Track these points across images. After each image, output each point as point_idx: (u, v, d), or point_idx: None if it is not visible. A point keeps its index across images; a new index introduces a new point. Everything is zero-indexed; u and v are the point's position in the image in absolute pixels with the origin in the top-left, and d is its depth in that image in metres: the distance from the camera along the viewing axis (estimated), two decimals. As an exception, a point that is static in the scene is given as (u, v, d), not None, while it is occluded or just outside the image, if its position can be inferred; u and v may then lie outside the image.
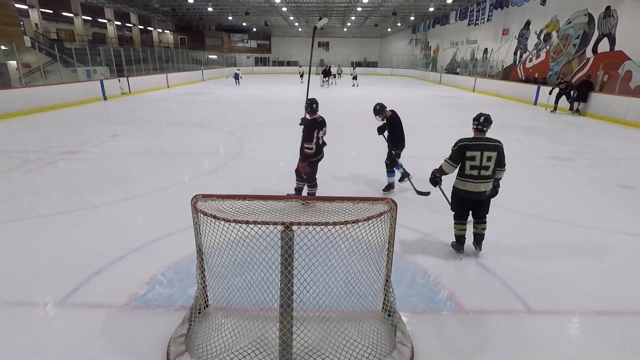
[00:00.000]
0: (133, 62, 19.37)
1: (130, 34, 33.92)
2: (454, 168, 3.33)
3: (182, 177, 5.89)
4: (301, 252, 2.22)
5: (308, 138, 4.25)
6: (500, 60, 21.62)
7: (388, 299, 2.64)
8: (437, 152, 7.79)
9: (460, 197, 3.43)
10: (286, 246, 2.06)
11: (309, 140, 4.25)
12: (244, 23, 38.06)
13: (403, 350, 2.31)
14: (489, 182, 3.31)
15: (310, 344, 2.35)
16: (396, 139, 5.16)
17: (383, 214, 2.21)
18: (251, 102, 15.49)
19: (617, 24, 13.54)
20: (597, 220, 4.45)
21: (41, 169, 6.16)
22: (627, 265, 3.50)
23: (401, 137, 5.18)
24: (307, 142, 4.25)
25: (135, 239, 3.80)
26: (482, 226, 3.50)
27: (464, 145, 3.26)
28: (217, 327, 2.51)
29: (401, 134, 5.17)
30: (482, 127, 3.33)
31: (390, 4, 26.52)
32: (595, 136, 9.58)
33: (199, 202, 2.29)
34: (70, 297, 2.89)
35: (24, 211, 4.50)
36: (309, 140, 4.25)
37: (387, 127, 5.16)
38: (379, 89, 22.44)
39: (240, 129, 9.64)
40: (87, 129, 9.47)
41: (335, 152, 7.60)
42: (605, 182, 5.93)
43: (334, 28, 40.72)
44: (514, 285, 3.13)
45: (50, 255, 3.50)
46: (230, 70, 34.48)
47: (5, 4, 17.66)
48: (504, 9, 21.37)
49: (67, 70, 16.35)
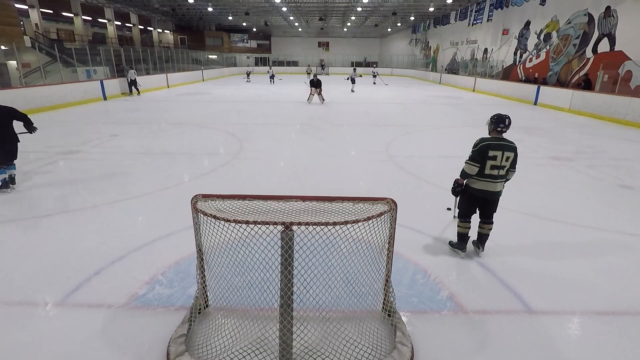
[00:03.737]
0: (133, 62, 19.38)
1: (130, 34, 33.93)
2: (477, 169, 3.28)
3: (182, 177, 5.89)
4: (301, 252, 2.22)
5: None
6: (500, 60, 21.63)
7: (388, 299, 2.64)
8: (438, 152, 7.82)
9: (474, 196, 3.41)
10: (286, 246, 2.05)
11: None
12: (244, 23, 38.07)
13: (403, 350, 2.31)
14: (504, 181, 3.36)
15: (310, 344, 2.35)
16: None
17: (383, 214, 2.21)
18: (251, 102, 15.49)
19: (617, 24, 13.54)
20: (597, 220, 4.45)
21: (41, 169, 6.16)
22: (627, 265, 3.50)
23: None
24: None
25: (135, 239, 3.80)
26: (489, 226, 3.51)
27: (485, 145, 3.23)
28: (217, 327, 2.51)
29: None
30: (507, 129, 3.31)
31: (390, 4, 26.52)
32: (595, 136, 9.58)
33: (199, 202, 2.29)
34: (70, 297, 2.89)
35: (24, 211, 4.50)
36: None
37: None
38: (378, 88, 22.43)
39: (240, 129, 9.64)
40: (87, 129, 9.47)
41: (336, 152, 7.61)
42: (605, 182, 5.93)
43: (334, 28, 40.73)
44: (514, 285, 3.13)
45: (50, 255, 3.50)
46: (230, 70, 34.55)
47: (5, 4, 17.66)
48: (503, 9, 21.37)
49: (67, 70, 16.35)
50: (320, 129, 9.92)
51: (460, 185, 3.48)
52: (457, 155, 6.56)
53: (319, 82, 14.96)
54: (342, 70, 38.97)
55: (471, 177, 3.35)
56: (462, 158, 3.39)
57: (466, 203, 3.52)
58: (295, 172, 6.33)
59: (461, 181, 3.46)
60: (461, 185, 3.49)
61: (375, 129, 10.12)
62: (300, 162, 6.89)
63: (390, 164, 6.75)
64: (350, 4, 27.03)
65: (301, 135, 9.15)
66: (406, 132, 9.61)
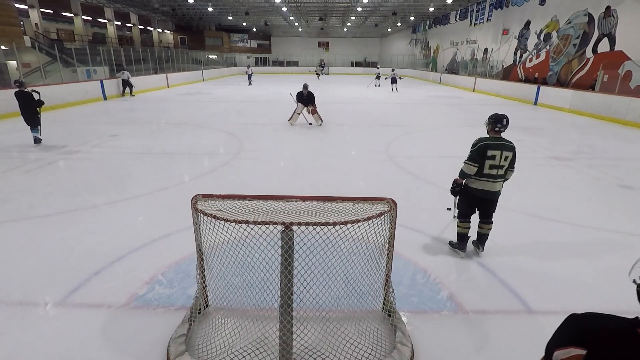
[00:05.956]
0: (133, 62, 19.38)
1: (130, 34, 33.93)
2: (475, 168, 3.28)
3: (182, 177, 5.89)
4: (301, 252, 2.22)
5: None
6: (500, 60, 21.63)
7: (388, 299, 2.64)
8: (438, 152, 7.82)
9: (474, 196, 3.41)
10: (286, 246, 2.05)
11: None
12: (244, 23, 38.07)
13: (403, 350, 2.31)
14: (502, 181, 3.37)
15: (310, 344, 2.35)
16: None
17: (383, 214, 2.21)
18: (251, 102, 15.49)
19: (617, 24, 13.54)
20: (597, 220, 4.45)
21: (41, 169, 6.16)
22: (627, 265, 3.46)
23: None
24: None
25: (135, 239, 3.80)
26: (489, 226, 3.51)
27: (484, 145, 3.24)
28: (217, 327, 2.51)
29: None
30: (505, 129, 3.32)
31: (390, 4, 26.51)
32: (595, 136, 9.58)
33: (199, 202, 2.29)
34: (70, 297, 2.89)
35: (24, 211, 4.50)
36: None
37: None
38: (379, 88, 22.42)
39: (240, 129, 9.63)
40: (87, 129, 9.47)
41: (336, 152, 7.61)
42: (605, 182, 5.93)
43: (334, 28, 40.73)
44: (514, 285, 3.13)
45: (50, 255, 3.50)
46: (230, 70, 34.54)
47: (5, 4, 17.67)
48: (504, 9, 21.37)
49: (67, 70, 16.35)
50: (320, 129, 9.91)
51: (459, 185, 3.48)
52: (457, 155, 6.54)
53: (311, 96, 9.82)
54: (342, 71, 38.99)
55: (470, 177, 3.36)
56: (462, 158, 3.39)
57: (465, 203, 3.52)
58: (295, 172, 6.33)
59: (460, 181, 3.46)
60: (460, 185, 3.49)
61: (375, 129, 10.12)
62: (300, 162, 6.89)
63: (390, 164, 6.75)
64: (350, 4, 27.02)
65: (301, 135, 9.15)
66: (406, 132, 9.61)
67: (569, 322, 1.03)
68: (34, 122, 7.52)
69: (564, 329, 1.02)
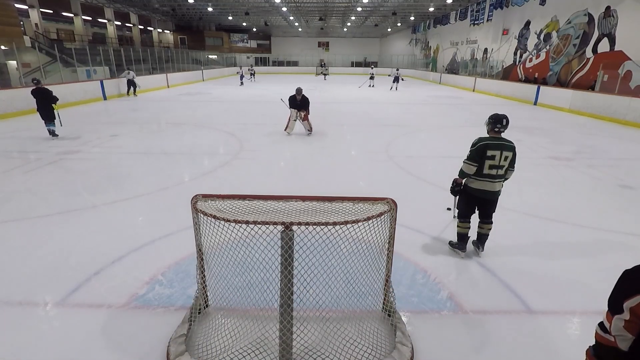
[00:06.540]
0: (133, 62, 19.37)
1: (130, 34, 33.93)
2: (475, 168, 3.29)
3: (182, 177, 5.89)
4: (301, 252, 2.22)
5: None
6: (500, 60, 21.63)
7: (388, 299, 2.64)
8: (438, 152, 7.82)
9: (474, 196, 3.41)
10: (286, 246, 2.06)
11: None
12: (244, 23, 38.06)
13: (403, 350, 2.31)
14: (502, 181, 3.37)
15: (310, 344, 2.35)
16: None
17: (383, 214, 2.21)
18: (251, 102, 15.48)
19: (617, 24, 13.54)
20: (597, 220, 4.45)
21: (41, 169, 6.16)
22: (627, 265, 3.47)
23: None
24: None
25: (135, 239, 3.80)
26: (489, 226, 3.51)
27: (484, 145, 3.24)
28: (217, 327, 2.51)
29: None
30: (505, 129, 3.32)
31: (390, 4, 26.52)
32: (595, 136, 9.58)
33: (199, 202, 2.29)
34: (70, 297, 2.89)
35: (24, 211, 4.50)
36: None
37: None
38: (379, 88, 22.42)
39: (240, 129, 9.64)
40: (87, 129, 9.47)
41: (336, 152, 7.61)
42: (605, 182, 5.93)
43: (334, 28, 40.73)
44: (514, 285, 3.13)
45: (50, 255, 3.50)
46: (230, 70, 34.55)
47: (5, 4, 17.67)
48: (504, 9, 21.37)
49: (67, 70, 16.35)
50: (320, 129, 9.91)
51: (459, 184, 3.48)
52: (457, 155, 6.54)
53: (305, 101, 8.79)
54: (342, 71, 38.98)
55: (470, 177, 3.36)
56: (462, 158, 3.39)
57: (465, 203, 3.52)
58: (295, 172, 6.33)
59: (460, 181, 3.46)
60: (460, 185, 3.49)
61: (375, 129, 10.13)
62: (300, 162, 6.89)
63: (390, 164, 6.75)
64: (350, 4, 27.02)
65: (301, 135, 9.14)
66: (406, 132, 9.61)
67: (629, 275, 1.12)
68: (50, 117, 8.16)
69: (625, 282, 1.11)
